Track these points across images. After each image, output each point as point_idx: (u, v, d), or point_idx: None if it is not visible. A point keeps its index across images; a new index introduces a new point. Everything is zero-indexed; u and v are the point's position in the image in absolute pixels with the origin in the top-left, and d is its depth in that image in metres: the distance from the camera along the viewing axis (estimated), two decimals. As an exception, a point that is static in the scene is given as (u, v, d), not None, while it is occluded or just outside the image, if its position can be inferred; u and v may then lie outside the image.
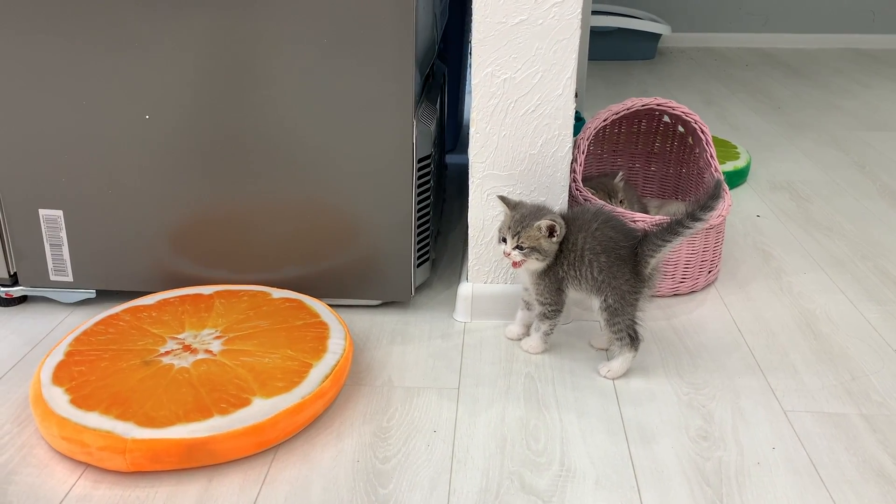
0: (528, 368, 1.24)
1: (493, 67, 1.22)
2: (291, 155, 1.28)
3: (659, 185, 1.81)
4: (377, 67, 1.22)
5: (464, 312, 1.37)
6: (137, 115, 1.26)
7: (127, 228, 1.33)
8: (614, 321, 1.18)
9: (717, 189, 1.11)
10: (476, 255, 1.35)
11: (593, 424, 1.10)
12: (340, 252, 1.34)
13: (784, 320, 1.40)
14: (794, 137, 2.52)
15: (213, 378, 1.07)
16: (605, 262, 1.16)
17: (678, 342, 1.32)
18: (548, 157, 1.27)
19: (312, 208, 1.31)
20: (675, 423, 1.11)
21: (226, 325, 1.21)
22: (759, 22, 4.09)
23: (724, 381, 1.21)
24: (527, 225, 1.16)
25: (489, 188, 1.30)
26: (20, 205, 1.32)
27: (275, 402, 1.03)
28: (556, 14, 1.19)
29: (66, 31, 1.21)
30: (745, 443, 1.07)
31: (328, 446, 1.05)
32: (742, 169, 2.06)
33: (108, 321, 1.22)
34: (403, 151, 1.28)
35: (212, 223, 1.33)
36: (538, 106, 1.24)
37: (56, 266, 1.37)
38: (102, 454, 0.97)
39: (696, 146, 1.66)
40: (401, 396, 1.16)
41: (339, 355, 1.14)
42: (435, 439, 1.07)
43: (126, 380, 1.07)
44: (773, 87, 3.24)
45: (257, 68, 1.23)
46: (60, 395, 1.04)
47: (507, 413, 1.13)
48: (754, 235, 1.76)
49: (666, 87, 3.24)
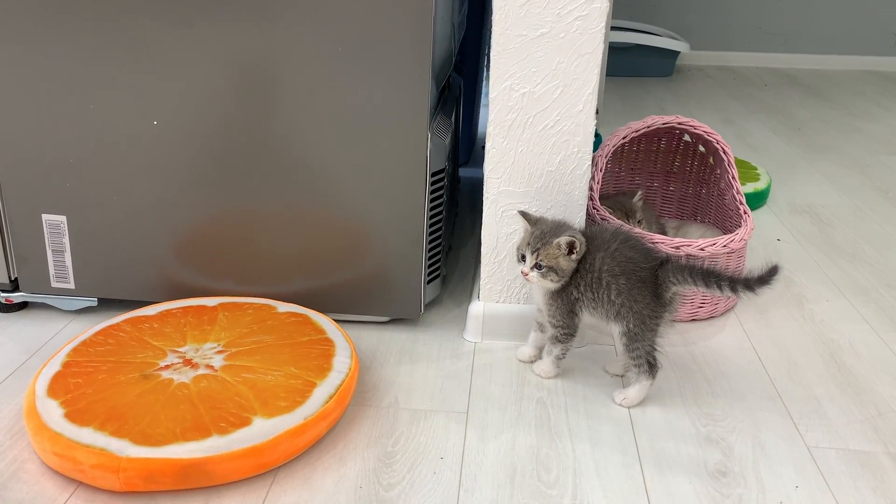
0: (540, 393, 1.19)
1: (511, 81, 1.18)
2: (302, 166, 1.24)
3: (678, 205, 1.76)
4: (393, 78, 1.18)
5: (474, 332, 1.33)
6: (145, 120, 1.23)
7: (131, 236, 1.30)
8: (633, 347, 1.13)
9: (774, 272, 1.09)
10: (489, 273, 1.31)
11: (607, 455, 1.06)
12: (349, 266, 1.30)
13: (806, 350, 1.35)
14: (814, 160, 2.47)
15: (213, 395, 1.03)
16: (625, 284, 1.12)
17: (696, 370, 1.27)
18: (566, 174, 1.23)
19: (322, 220, 1.28)
20: (693, 457, 1.06)
21: (229, 339, 1.17)
22: (778, 41, 4.05)
23: (744, 412, 1.16)
24: (546, 242, 1.12)
25: (504, 205, 1.26)
26: (23, 209, 1.29)
27: (276, 422, 0.99)
28: (578, 27, 1.15)
29: (75, 36, 1.18)
30: (766, 480, 1.02)
31: (330, 470, 1.01)
32: (762, 191, 2.01)
33: (108, 331, 1.18)
34: (417, 165, 1.24)
35: (218, 233, 1.29)
36: (557, 121, 1.20)
37: (58, 272, 1.33)
38: (95, 472, 0.93)
39: (717, 167, 1.62)
40: (407, 419, 1.12)
41: (344, 374, 1.10)
42: (442, 466, 1.03)
43: (123, 394, 1.03)
44: (792, 107, 3.19)
45: (270, 77, 1.19)
46: (55, 408, 1.01)
47: (518, 440, 1.08)
48: (775, 260, 1.71)
49: (683, 104, 3.20)
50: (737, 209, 1.51)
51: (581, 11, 1.14)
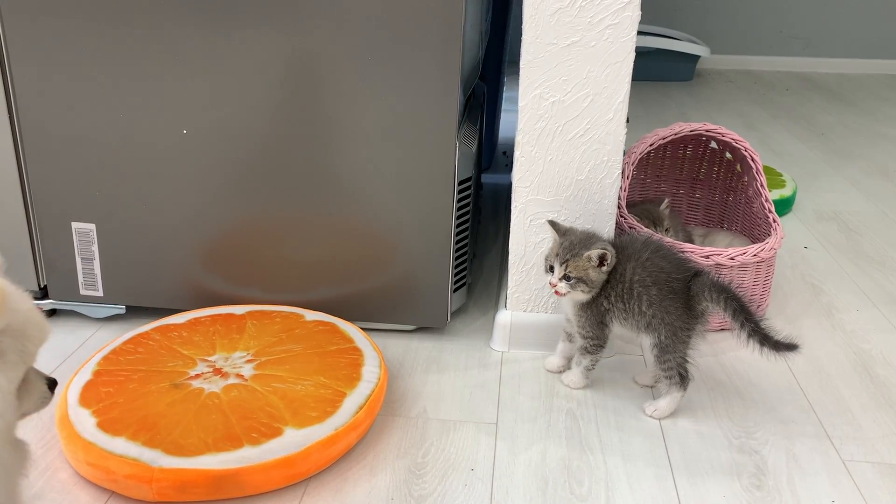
0: (569, 405, 1.18)
1: (541, 90, 1.17)
2: (330, 174, 1.24)
3: (704, 212, 1.75)
4: (422, 87, 1.18)
5: (501, 341, 1.32)
6: (175, 129, 1.23)
7: (159, 244, 1.30)
8: (664, 359, 1.12)
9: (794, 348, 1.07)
10: (516, 283, 1.30)
11: (640, 468, 1.05)
12: (376, 274, 1.30)
13: (838, 360, 1.33)
14: (839, 166, 2.44)
15: (243, 405, 1.03)
16: (656, 295, 1.11)
17: (727, 381, 1.26)
18: (595, 183, 1.22)
19: (349, 228, 1.27)
20: (727, 470, 1.05)
21: (258, 347, 1.17)
22: (800, 45, 4.02)
23: (776, 424, 1.15)
24: (576, 254, 1.11)
25: (532, 214, 1.26)
26: (53, 217, 1.30)
27: (307, 432, 0.99)
28: (609, 36, 1.14)
29: (106, 45, 1.19)
30: (801, 494, 1.01)
31: (361, 481, 1.01)
32: (788, 198, 1.99)
33: (138, 340, 1.19)
34: (445, 173, 1.23)
35: (245, 241, 1.29)
36: (587, 130, 1.19)
37: (86, 280, 1.34)
38: (128, 482, 0.94)
39: (744, 174, 1.60)
40: (436, 429, 1.11)
41: (373, 384, 1.10)
42: (472, 478, 1.02)
43: (154, 403, 1.03)
44: (815, 112, 3.16)
45: (299, 86, 1.19)
46: (87, 417, 1.01)
47: (549, 453, 1.07)
48: (802, 268, 1.69)
49: (705, 109, 3.18)
50: (765, 217, 1.49)
51: (612, 20, 1.13)
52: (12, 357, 0.64)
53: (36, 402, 0.71)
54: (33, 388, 0.70)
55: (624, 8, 1.13)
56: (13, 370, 0.64)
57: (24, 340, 0.65)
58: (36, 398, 0.70)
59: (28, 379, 0.67)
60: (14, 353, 0.64)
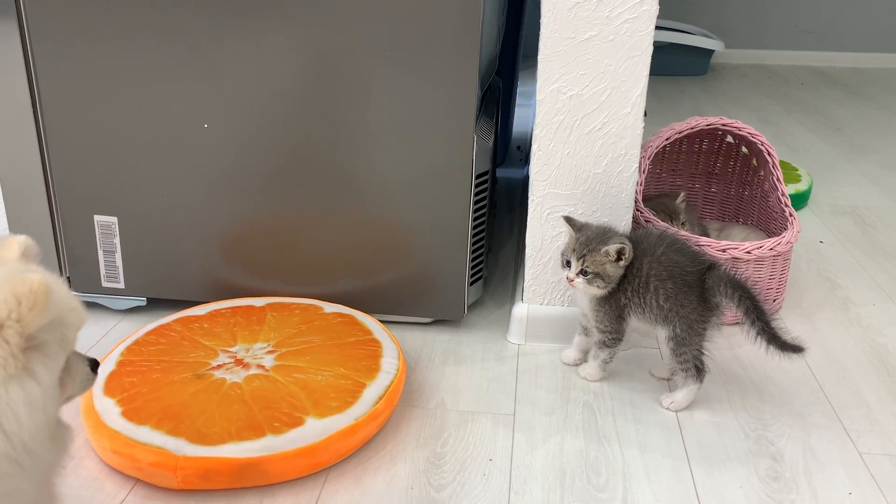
0: (586, 397, 1.19)
1: (559, 83, 1.18)
2: (349, 168, 1.25)
3: (719, 207, 1.75)
4: (440, 81, 1.19)
5: (518, 334, 1.33)
6: (196, 123, 1.25)
7: (180, 237, 1.32)
8: (680, 351, 1.13)
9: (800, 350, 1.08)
10: (533, 276, 1.31)
11: (657, 460, 1.05)
12: (394, 267, 1.31)
13: (854, 354, 1.33)
14: (855, 160, 2.43)
15: (265, 395, 1.05)
16: (672, 288, 1.12)
17: (743, 374, 1.26)
18: (613, 176, 1.23)
19: (367, 222, 1.29)
20: (744, 462, 1.05)
21: (278, 339, 1.18)
22: (814, 39, 3.99)
23: (793, 417, 1.15)
24: (593, 249, 1.12)
25: (549, 207, 1.26)
26: (76, 210, 1.32)
27: (328, 422, 1.00)
28: (627, 30, 1.15)
29: (128, 40, 1.20)
30: (818, 486, 1.02)
31: (381, 471, 1.02)
32: (804, 192, 1.99)
33: (160, 331, 1.21)
34: (463, 167, 1.24)
35: (265, 234, 1.31)
36: (605, 124, 1.20)
37: (108, 272, 1.36)
38: (153, 470, 0.95)
39: (760, 168, 1.60)
40: (455, 421, 1.13)
41: (392, 375, 1.11)
42: (491, 468, 1.03)
43: (178, 393, 1.05)
44: (830, 107, 3.14)
45: (318, 81, 1.20)
46: (112, 406, 1.03)
47: (566, 444, 1.08)
48: (818, 262, 1.69)
49: (719, 104, 3.17)
50: (782, 211, 1.50)
51: (630, 14, 1.14)
52: (53, 348, 0.64)
53: (80, 385, 0.71)
54: (75, 371, 0.70)
55: (642, 2, 1.13)
56: (54, 361, 0.65)
57: (64, 328, 0.66)
58: (79, 381, 0.71)
59: (69, 364, 0.68)
60: (54, 343, 0.65)
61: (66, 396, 0.70)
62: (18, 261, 0.67)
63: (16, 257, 0.67)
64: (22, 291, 0.59)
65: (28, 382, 0.62)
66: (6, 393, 0.60)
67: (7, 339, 0.60)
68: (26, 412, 0.61)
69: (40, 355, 0.63)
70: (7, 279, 0.61)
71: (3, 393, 0.60)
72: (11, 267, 0.66)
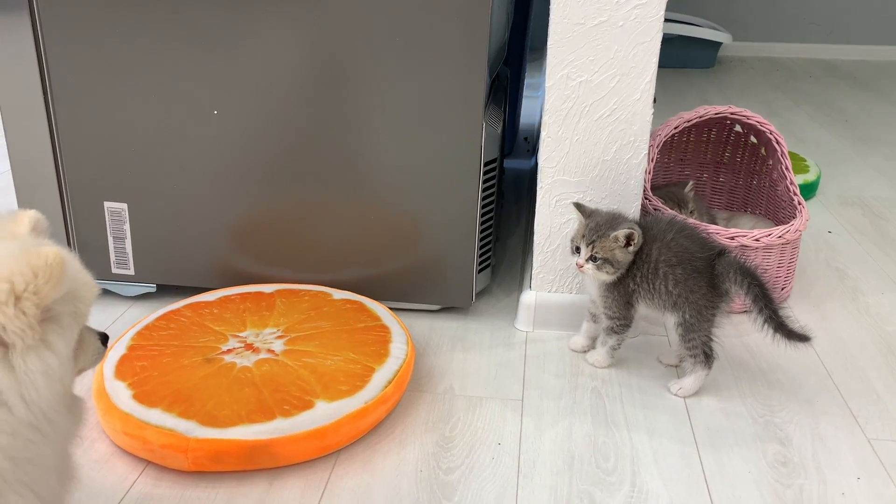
0: (594, 383, 1.19)
1: (568, 70, 1.18)
2: (358, 155, 1.26)
3: (728, 196, 1.75)
4: (449, 68, 1.19)
5: (526, 321, 1.34)
6: (206, 110, 1.25)
7: (190, 224, 1.33)
8: (689, 337, 1.13)
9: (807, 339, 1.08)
10: (541, 263, 1.31)
11: (665, 444, 1.06)
12: (402, 255, 1.32)
13: (863, 342, 1.33)
14: (864, 152, 2.42)
15: (275, 378, 1.05)
16: (681, 274, 1.12)
17: (751, 361, 1.26)
18: (622, 163, 1.23)
19: (376, 209, 1.29)
20: (752, 447, 1.06)
21: (287, 324, 1.19)
22: (823, 32, 3.97)
23: (801, 404, 1.15)
24: (602, 234, 1.12)
25: (558, 194, 1.26)
26: (86, 197, 1.33)
27: (338, 405, 1.01)
28: (637, 16, 1.14)
29: (138, 27, 1.21)
30: (827, 471, 1.02)
31: (390, 454, 1.03)
32: (812, 183, 1.98)
33: (170, 316, 1.21)
34: (471, 154, 1.24)
35: (274, 221, 1.31)
36: (614, 110, 1.20)
37: (118, 259, 1.37)
38: (165, 452, 0.96)
39: (769, 157, 1.60)
40: (463, 405, 1.13)
41: (401, 360, 1.12)
42: (500, 452, 1.03)
43: (188, 377, 1.06)
44: (838, 99, 3.13)
45: (328, 67, 1.21)
46: (123, 389, 1.04)
47: (575, 429, 1.08)
48: (826, 252, 1.69)
49: (726, 96, 3.16)
50: (790, 200, 1.49)
51: (640, 0, 1.14)
52: (67, 320, 0.66)
53: (91, 358, 0.73)
54: (87, 344, 0.72)
55: (652, -12, 1.13)
56: (69, 333, 0.66)
57: (77, 302, 0.67)
58: (90, 354, 0.73)
59: (82, 337, 0.70)
60: (68, 316, 0.66)
61: (79, 369, 0.72)
62: (29, 235, 0.68)
63: (26, 231, 0.68)
64: (38, 264, 0.61)
65: (45, 353, 0.64)
66: (25, 364, 0.62)
67: (25, 310, 0.61)
68: (44, 381, 0.63)
69: (56, 327, 0.65)
70: (23, 252, 0.62)
71: (21, 363, 0.62)
72: (25, 241, 0.67)
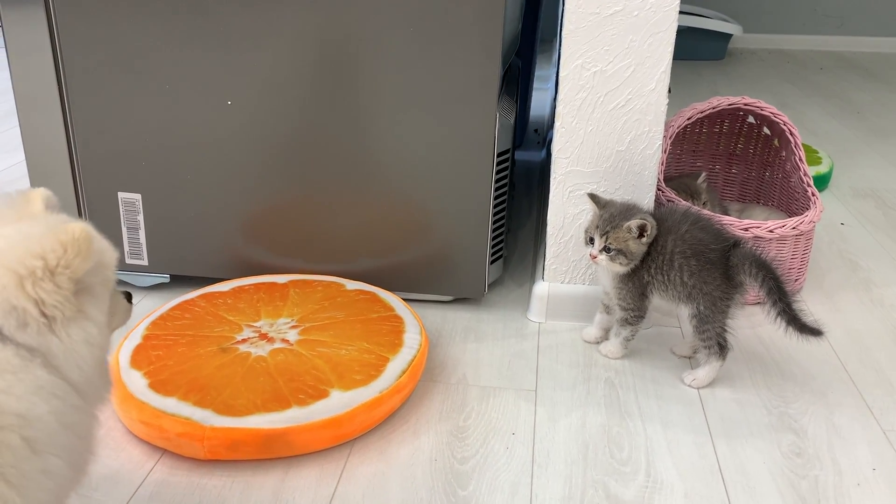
0: (607, 374, 1.19)
1: (583, 60, 1.18)
2: (372, 146, 1.26)
3: (740, 188, 1.74)
4: (463, 59, 1.19)
5: (538, 312, 1.34)
6: (220, 101, 1.25)
7: (203, 214, 1.33)
8: (704, 328, 1.13)
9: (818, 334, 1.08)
10: (554, 254, 1.31)
11: (679, 435, 1.06)
12: (415, 246, 1.32)
13: (877, 334, 1.32)
14: (876, 144, 2.41)
15: (290, 368, 1.06)
16: (696, 265, 1.11)
17: (765, 353, 1.26)
18: (636, 154, 1.23)
19: (389, 200, 1.29)
20: (766, 438, 1.05)
21: (301, 314, 1.19)
22: (834, 24, 3.95)
23: (815, 395, 1.15)
24: (616, 225, 1.12)
25: (572, 185, 1.26)
26: (100, 187, 1.33)
27: (353, 395, 1.01)
28: (652, 5, 1.14)
29: (152, 17, 1.21)
30: (842, 462, 1.02)
31: (405, 443, 1.03)
32: (824, 175, 1.97)
33: (184, 306, 1.22)
34: (485, 145, 1.24)
35: (288, 212, 1.31)
36: (629, 100, 1.19)
37: (132, 249, 1.37)
38: (181, 440, 0.97)
39: (782, 149, 1.59)
40: (477, 395, 1.13)
41: (415, 350, 1.12)
42: (514, 442, 1.04)
43: (203, 366, 1.06)
44: (850, 91, 3.11)
45: (341, 58, 1.21)
46: (139, 378, 1.04)
47: (588, 419, 1.09)
48: (839, 244, 1.68)
49: (737, 88, 3.14)
50: (804, 191, 1.49)
51: (655, -11, 1.13)
52: (98, 289, 0.69)
53: (121, 318, 0.77)
54: (116, 305, 0.75)
55: (667, -23, 1.12)
56: (101, 300, 0.69)
57: (104, 269, 0.70)
58: (120, 314, 0.76)
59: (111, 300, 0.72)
60: (99, 284, 0.69)
61: (111, 329, 0.75)
62: (45, 212, 0.70)
63: (41, 210, 0.70)
64: (67, 240, 0.64)
65: (84, 323, 0.67)
66: (68, 336, 0.65)
67: (60, 284, 0.64)
68: (87, 350, 0.67)
69: (90, 297, 0.68)
70: (50, 229, 0.65)
71: (65, 335, 0.65)
72: (48, 219, 0.68)
